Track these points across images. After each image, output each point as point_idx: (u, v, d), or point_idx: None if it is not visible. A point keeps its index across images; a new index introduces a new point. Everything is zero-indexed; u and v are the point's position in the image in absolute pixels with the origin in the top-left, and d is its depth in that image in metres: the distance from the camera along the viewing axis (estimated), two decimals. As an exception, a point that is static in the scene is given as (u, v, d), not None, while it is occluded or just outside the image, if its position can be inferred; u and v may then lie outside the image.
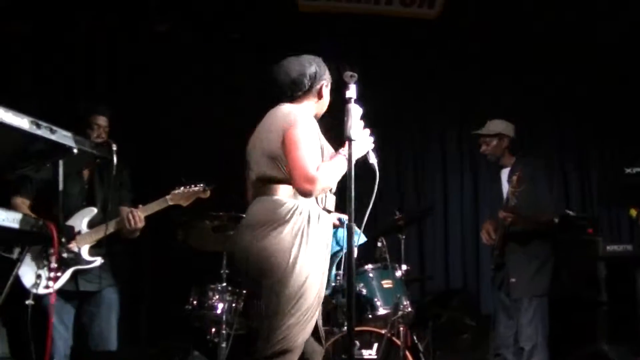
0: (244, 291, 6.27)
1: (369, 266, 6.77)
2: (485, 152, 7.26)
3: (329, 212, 4.63)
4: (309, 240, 4.34)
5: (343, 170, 4.31)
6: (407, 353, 6.42)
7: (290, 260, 4.25)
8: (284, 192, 4.43)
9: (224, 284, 6.54)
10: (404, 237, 7.09)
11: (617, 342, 6.32)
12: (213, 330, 6.60)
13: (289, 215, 4.34)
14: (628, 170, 6.25)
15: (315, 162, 4.31)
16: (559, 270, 7.53)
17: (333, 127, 4.59)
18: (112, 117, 6.17)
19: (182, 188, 5.94)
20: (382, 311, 6.62)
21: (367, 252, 6.87)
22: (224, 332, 6.44)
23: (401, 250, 7.00)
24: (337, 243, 4.73)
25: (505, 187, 7.11)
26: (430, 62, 8.91)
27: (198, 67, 8.31)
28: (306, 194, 4.33)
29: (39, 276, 5.64)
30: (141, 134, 7.69)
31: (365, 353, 6.40)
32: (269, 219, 4.35)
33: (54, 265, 5.57)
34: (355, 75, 4.25)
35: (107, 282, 6.07)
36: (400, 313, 6.52)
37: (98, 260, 5.83)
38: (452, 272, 8.98)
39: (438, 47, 8.80)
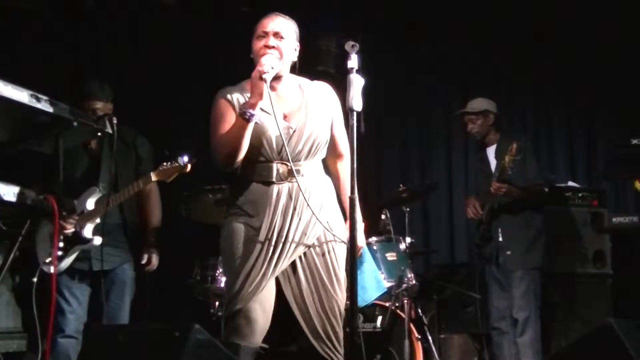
0: None
1: (373, 239, 6.76)
2: (471, 131, 7.25)
3: None
4: None
5: (235, 130, 4.28)
6: (412, 326, 6.42)
7: None
8: None
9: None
10: (408, 209, 7.07)
11: (623, 316, 6.29)
12: (216, 303, 6.61)
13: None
14: (635, 142, 6.18)
15: None
16: (561, 243, 7.54)
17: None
18: (113, 97, 6.11)
19: (166, 164, 5.82)
20: (386, 284, 6.62)
21: (371, 224, 6.85)
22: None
23: (405, 223, 6.98)
24: None
25: (493, 162, 7.11)
26: (435, 35, 8.86)
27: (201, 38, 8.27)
28: None
29: (50, 254, 5.63)
30: (142, 108, 7.67)
31: (369, 326, 6.40)
32: None
33: (57, 241, 5.56)
34: (357, 45, 4.20)
35: (120, 260, 6.02)
36: (404, 286, 6.52)
37: (97, 239, 5.75)
38: (456, 246, 8.98)
39: (442, 21, 8.74)
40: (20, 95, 3.69)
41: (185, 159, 5.65)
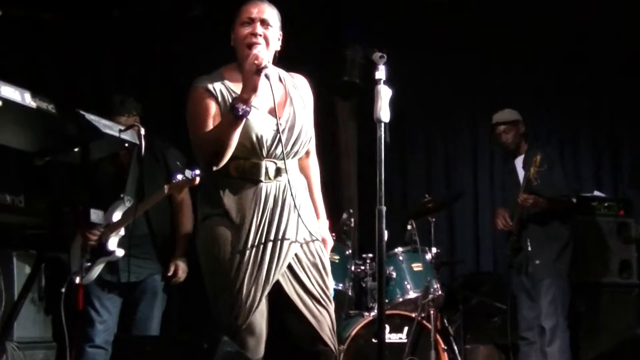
0: None
1: (399, 249, 6.77)
2: (506, 142, 7.29)
3: None
4: None
5: (224, 127, 3.99)
6: (438, 336, 6.41)
7: None
8: None
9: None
10: (433, 220, 7.05)
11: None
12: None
13: None
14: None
15: None
16: (588, 252, 7.51)
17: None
18: (137, 110, 6.07)
19: (179, 177, 5.73)
20: (412, 294, 6.62)
21: (397, 235, 6.83)
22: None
23: (431, 234, 6.96)
24: None
25: (521, 173, 7.12)
26: (460, 46, 8.84)
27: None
28: None
29: (80, 265, 5.64)
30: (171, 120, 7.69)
31: (395, 337, 6.38)
32: None
33: (84, 252, 5.58)
34: (385, 56, 4.16)
35: (148, 271, 5.98)
36: (430, 296, 6.51)
37: (119, 251, 5.71)
38: (482, 256, 8.96)
39: (468, 32, 8.73)
40: (48, 106, 3.71)
41: (196, 172, 5.58)
